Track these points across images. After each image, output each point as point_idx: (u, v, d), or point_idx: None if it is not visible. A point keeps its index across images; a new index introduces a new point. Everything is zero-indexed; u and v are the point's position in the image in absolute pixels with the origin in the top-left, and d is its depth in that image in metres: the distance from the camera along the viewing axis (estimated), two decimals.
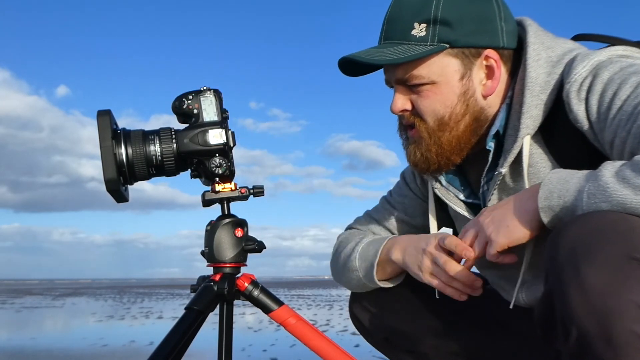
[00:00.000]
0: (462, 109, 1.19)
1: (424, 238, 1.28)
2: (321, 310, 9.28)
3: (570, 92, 1.09)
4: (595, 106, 1.06)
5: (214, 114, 1.22)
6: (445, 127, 1.19)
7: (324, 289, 21.43)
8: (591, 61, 1.09)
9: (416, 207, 1.46)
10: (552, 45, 1.18)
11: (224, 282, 1.21)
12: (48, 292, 21.93)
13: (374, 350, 1.52)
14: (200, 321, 1.18)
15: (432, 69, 1.17)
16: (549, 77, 1.14)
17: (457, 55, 1.17)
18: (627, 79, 1.03)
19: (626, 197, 0.89)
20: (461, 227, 1.38)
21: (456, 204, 1.32)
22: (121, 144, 1.18)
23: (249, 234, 1.25)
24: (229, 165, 1.22)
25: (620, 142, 1.00)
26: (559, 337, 0.90)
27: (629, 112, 0.99)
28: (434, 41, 1.16)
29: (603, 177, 0.92)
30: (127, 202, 1.22)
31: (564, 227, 0.92)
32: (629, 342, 0.81)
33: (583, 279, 0.84)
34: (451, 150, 1.21)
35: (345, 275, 1.43)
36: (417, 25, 1.16)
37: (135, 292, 20.57)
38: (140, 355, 4.36)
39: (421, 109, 1.20)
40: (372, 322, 1.46)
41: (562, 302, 0.87)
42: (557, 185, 0.99)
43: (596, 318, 0.82)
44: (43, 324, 8.00)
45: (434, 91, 1.18)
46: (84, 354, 4.64)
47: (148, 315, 8.52)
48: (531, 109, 1.14)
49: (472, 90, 1.19)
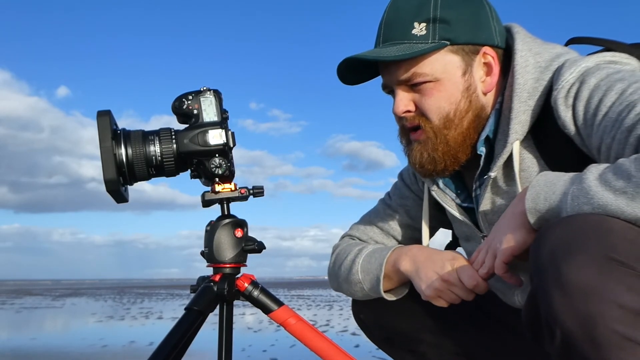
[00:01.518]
0: (466, 105, 1.19)
1: (438, 260, 1.25)
2: (321, 311, 9.28)
3: (557, 98, 1.10)
4: (581, 112, 1.07)
5: (213, 115, 1.22)
6: (451, 125, 1.19)
7: (324, 289, 21.42)
8: (579, 67, 1.10)
9: (418, 209, 1.45)
10: (540, 51, 1.19)
11: (223, 283, 1.21)
12: (48, 292, 21.93)
13: (374, 350, 1.53)
14: (200, 322, 1.18)
15: (435, 66, 1.18)
16: (536, 84, 1.16)
17: (458, 52, 1.18)
18: (612, 86, 1.03)
19: (607, 200, 0.89)
20: (458, 230, 1.39)
21: (452, 207, 1.32)
22: (121, 144, 1.18)
23: (249, 234, 1.25)
24: (229, 166, 1.22)
25: (606, 148, 1.01)
26: (545, 338, 0.91)
27: (614, 119, 1.00)
28: (435, 39, 1.17)
29: (586, 180, 0.93)
30: (127, 202, 1.22)
31: (546, 229, 0.93)
32: (613, 341, 0.81)
33: (564, 280, 0.84)
34: (457, 147, 1.21)
35: (348, 288, 1.41)
36: (417, 25, 1.17)
37: (135, 292, 20.56)
38: (140, 355, 4.36)
39: (426, 107, 1.20)
40: (374, 321, 1.46)
41: (545, 303, 0.88)
42: (544, 187, 1.00)
43: (579, 319, 0.83)
44: (43, 324, 8.00)
45: (438, 88, 1.18)
46: (83, 355, 4.64)
47: (148, 316, 8.51)
48: (519, 115, 1.15)
49: (474, 86, 1.20)
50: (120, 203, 1.22)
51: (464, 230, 1.35)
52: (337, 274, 1.44)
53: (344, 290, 1.43)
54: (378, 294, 1.34)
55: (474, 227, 1.31)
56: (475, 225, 1.31)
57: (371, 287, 1.35)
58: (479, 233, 1.30)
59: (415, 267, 1.27)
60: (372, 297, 1.38)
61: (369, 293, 1.37)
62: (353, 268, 1.38)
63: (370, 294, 1.37)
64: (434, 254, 1.27)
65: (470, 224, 1.31)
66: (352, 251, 1.42)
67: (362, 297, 1.41)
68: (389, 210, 1.49)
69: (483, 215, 1.26)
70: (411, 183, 1.47)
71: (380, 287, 1.32)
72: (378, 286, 1.32)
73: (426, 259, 1.26)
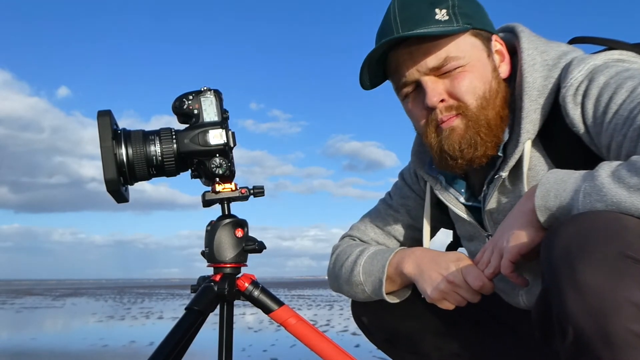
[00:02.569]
0: (496, 85, 1.19)
1: (442, 262, 1.23)
2: (321, 311, 9.28)
3: (566, 96, 1.09)
4: (591, 110, 1.06)
5: (214, 115, 1.22)
6: (488, 104, 1.17)
7: (324, 289, 21.41)
8: (587, 65, 1.10)
9: (420, 209, 1.44)
10: (546, 49, 1.19)
11: (224, 283, 1.21)
12: (48, 292, 21.92)
13: (374, 350, 1.52)
14: (201, 321, 1.18)
15: (465, 48, 1.17)
16: (545, 81, 1.15)
17: (478, 36, 1.19)
18: (622, 84, 1.03)
19: (620, 197, 0.89)
20: (461, 229, 1.38)
21: (456, 206, 1.31)
22: (121, 144, 1.18)
23: (249, 234, 1.25)
24: (229, 166, 1.22)
25: (617, 145, 1.01)
26: (556, 337, 0.90)
27: (625, 116, 1.00)
28: (459, 22, 1.16)
29: (599, 177, 0.92)
30: (127, 202, 1.22)
31: (559, 227, 0.92)
32: (626, 340, 0.81)
33: (578, 278, 0.84)
34: (497, 127, 1.18)
35: (348, 289, 1.41)
36: (439, 11, 1.17)
37: (135, 292, 20.56)
38: (140, 355, 4.36)
39: (461, 90, 1.16)
40: (374, 323, 1.45)
41: (558, 301, 0.87)
42: (554, 185, 0.99)
43: (592, 317, 0.83)
44: (43, 324, 8.00)
45: (470, 70, 1.17)
46: (84, 354, 4.64)
47: (148, 316, 8.51)
48: (530, 114, 1.15)
49: (497, 69, 1.21)
50: (121, 203, 1.22)
51: (468, 229, 1.34)
52: (337, 275, 1.43)
53: (345, 292, 1.43)
54: (380, 296, 1.34)
55: (479, 226, 1.30)
56: (480, 225, 1.30)
57: (373, 289, 1.34)
58: (483, 232, 1.30)
59: (419, 270, 1.26)
60: (374, 299, 1.38)
61: (370, 295, 1.36)
62: (355, 270, 1.37)
63: (372, 296, 1.36)
64: (438, 256, 1.26)
65: (475, 223, 1.30)
66: (353, 252, 1.41)
67: (363, 299, 1.40)
68: (390, 210, 1.48)
69: (489, 214, 1.26)
70: (412, 183, 1.46)
71: (383, 290, 1.31)
72: (380, 288, 1.32)
73: (430, 261, 1.25)
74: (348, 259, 1.41)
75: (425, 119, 1.21)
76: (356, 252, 1.40)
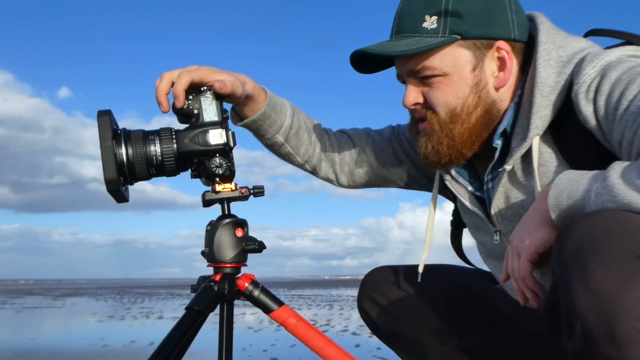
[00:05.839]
0: (474, 101, 1.19)
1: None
2: (321, 310, 9.28)
3: (579, 92, 1.09)
4: (603, 107, 1.06)
5: (214, 114, 1.22)
6: (457, 119, 1.19)
7: (324, 289, 21.42)
8: (600, 61, 1.09)
9: (389, 164, 1.48)
10: (564, 44, 1.17)
11: (224, 282, 1.21)
12: (48, 292, 21.93)
13: (375, 350, 1.53)
14: (201, 321, 1.18)
15: (444, 60, 1.17)
16: (558, 78, 1.14)
17: (469, 46, 1.17)
18: (634, 79, 1.02)
19: (631, 198, 0.89)
20: (468, 219, 1.38)
21: (465, 198, 1.31)
22: (121, 144, 1.18)
23: (249, 234, 1.25)
24: (229, 166, 1.22)
25: (627, 143, 1.00)
26: (564, 333, 0.90)
27: (635, 113, 0.99)
28: (445, 33, 1.16)
29: (610, 178, 0.92)
30: (127, 202, 1.22)
31: (571, 224, 0.92)
32: (634, 339, 0.81)
33: (589, 276, 0.84)
34: (462, 143, 1.20)
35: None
36: (428, 18, 1.17)
37: (135, 292, 20.56)
38: (140, 355, 4.36)
39: (433, 100, 1.20)
40: (380, 317, 1.46)
41: (567, 298, 0.87)
42: (567, 185, 0.99)
43: (601, 315, 0.83)
44: (43, 324, 8.00)
45: (446, 83, 1.18)
46: (84, 354, 4.64)
47: (148, 316, 8.51)
48: (541, 110, 1.14)
49: (485, 82, 1.19)
50: (121, 203, 1.22)
51: (475, 221, 1.34)
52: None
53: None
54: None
55: (486, 218, 1.30)
56: (487, 217, 1.30)
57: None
58: (492, 227, 1.29)
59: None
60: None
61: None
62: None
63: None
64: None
65: (482, 216, 1.30)
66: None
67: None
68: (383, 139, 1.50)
69: (496, 208, 1.25)
70: (408, 145, 1.47)
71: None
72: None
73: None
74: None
75: (410, 113, 1.28)
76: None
